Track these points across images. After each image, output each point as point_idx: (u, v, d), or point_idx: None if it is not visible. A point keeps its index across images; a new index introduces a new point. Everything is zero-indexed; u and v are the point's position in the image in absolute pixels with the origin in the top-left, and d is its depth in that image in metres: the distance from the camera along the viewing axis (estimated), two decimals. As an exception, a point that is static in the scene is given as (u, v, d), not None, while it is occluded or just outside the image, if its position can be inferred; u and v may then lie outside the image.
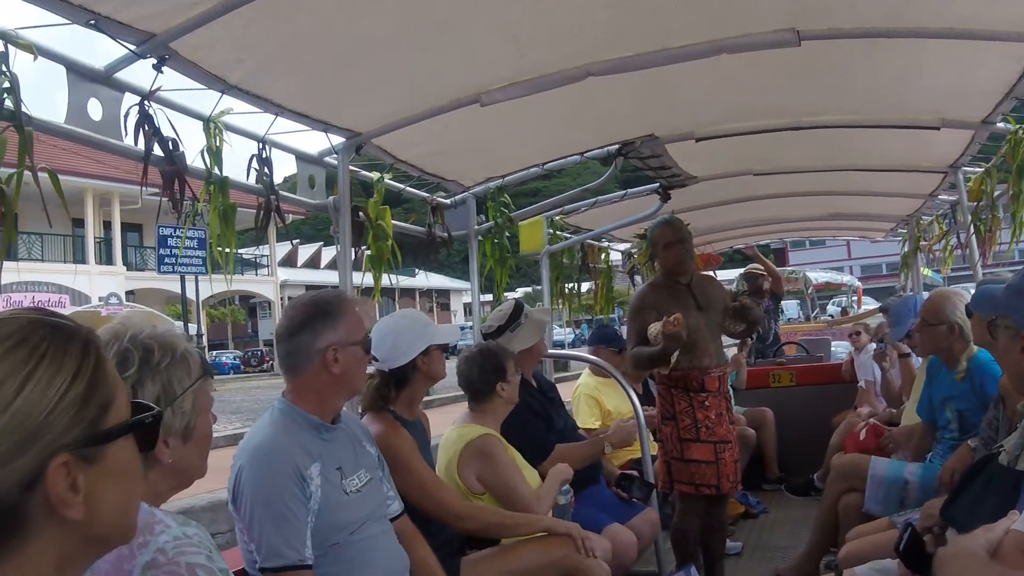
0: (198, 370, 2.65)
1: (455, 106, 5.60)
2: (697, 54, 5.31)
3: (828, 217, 12.63)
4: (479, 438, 5.33)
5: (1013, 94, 6.02)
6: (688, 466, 6.77)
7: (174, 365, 2.57)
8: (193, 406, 2.62)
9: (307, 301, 4.03)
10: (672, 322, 6.25)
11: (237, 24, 3.98)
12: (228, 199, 4.69)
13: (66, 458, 1.50)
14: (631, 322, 7.06)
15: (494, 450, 5.34)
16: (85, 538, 1.58)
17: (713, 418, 6.82)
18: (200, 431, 2.67)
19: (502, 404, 5.60)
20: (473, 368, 5.63)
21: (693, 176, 8.42)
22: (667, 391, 6.92)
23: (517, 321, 6.41)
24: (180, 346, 2.62)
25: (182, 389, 2.58)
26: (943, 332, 6.13)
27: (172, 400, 2.54)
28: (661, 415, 6.99)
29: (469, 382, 5.64)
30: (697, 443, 6.76)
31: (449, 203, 7.47)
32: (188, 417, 2.60)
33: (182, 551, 2.34)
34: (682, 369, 6.75)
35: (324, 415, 3.90)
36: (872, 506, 6.30)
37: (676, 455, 6.83)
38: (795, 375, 11.82)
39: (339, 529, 3.75)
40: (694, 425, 6.76)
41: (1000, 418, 5.04)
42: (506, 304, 6.69)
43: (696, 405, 6.78)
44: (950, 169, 8.52)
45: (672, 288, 6.97)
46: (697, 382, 6.81)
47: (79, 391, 1.54)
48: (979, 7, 4.90)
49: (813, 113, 7.02)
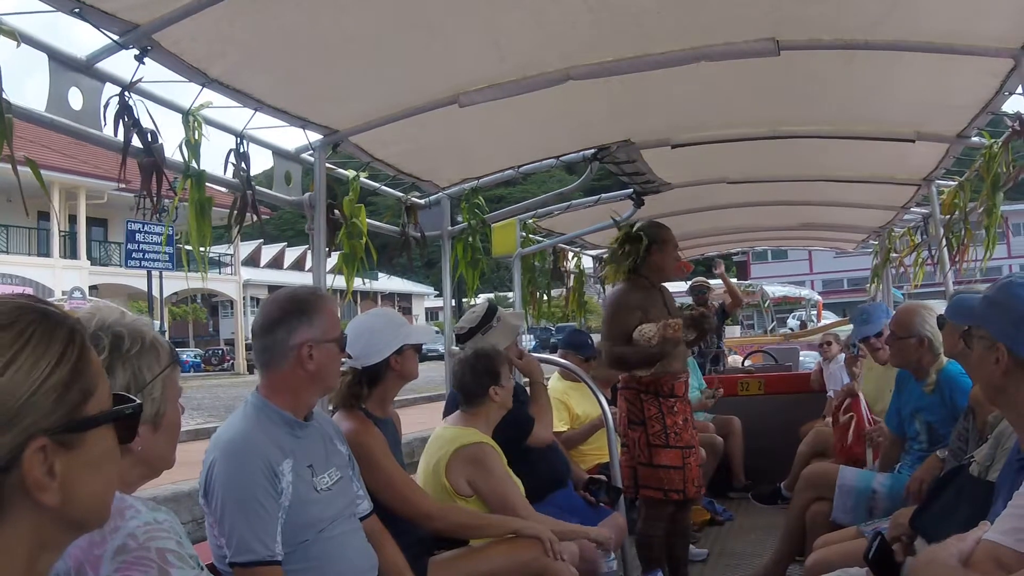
0: (167, 358, 2.64)
1: (433, 106, 5.60)
2: (677, 61, 5.33)
3: (800, 227, 12.68)
4: (474, 445, 5.33)
5: (989, 109, 6.06)
6: (656, 471, 6.80)
7: (143, 353, 2.56)
8: (162, 394, 2.62)
9: (284, 297, 4.01)
10: (672, 326, 6.30)
11: (221, 17, 3.98)
12: (205, 193, 4.67)
13: (44, 442, 1.50)
14: (614, 320, 7.05)
15: (488, 459, 5.35)
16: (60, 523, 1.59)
17: (681, 423, 6.88)
18: (169, 419, 2.67)
19: (495, 408, 5.60)
20: (466, 370, 5.63)
21: (667, 183, 8.44)
22: (635, 396, 6.94)
23: (489, 324, 6.40)
24: (149, 334, 2.61)
25: (151, 376, 2.57)
26: (912, 345, 6.16)
27: (142, 387, 2.53)
28: (628, 420, 7.01)
29: (462, 384, 5.64)
30: (666, 448, 6.79)
31: (423, 203, 7.46)
32: (158, 404, 2.59)
33: (152, 536, 2.34)
34: (654, 374, 6.76)
35: (297, 412, 3.89)
36: (840, 515, 6.33)
37: (644, 460, 6.85)
38: (764, 384, 11.88)
39: (308, 527, 3.74)
40: (664, 431, 6.79)
41: (970, 429, 5.07)
42: (479, 306, 6.70)
43: (666, 410, 6.82)
44: (924, 182, 8.58)
45: (651, 291, 7.01)
46: (668, 387, 6.85)
47: (62, 376, 1.55)
48: (958, 22, 4.93)
49: (790, 123, 7.06)
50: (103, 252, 50.41)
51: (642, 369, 6.86)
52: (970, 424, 5.10)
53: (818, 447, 9.21)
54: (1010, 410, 3.21)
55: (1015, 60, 5.08)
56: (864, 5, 4.86)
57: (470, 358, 5.69)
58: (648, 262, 7.17)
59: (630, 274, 7.24)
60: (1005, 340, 3.03)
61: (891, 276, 12.60)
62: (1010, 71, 5.32)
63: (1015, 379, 3.02)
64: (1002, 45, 4.99)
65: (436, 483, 5.24)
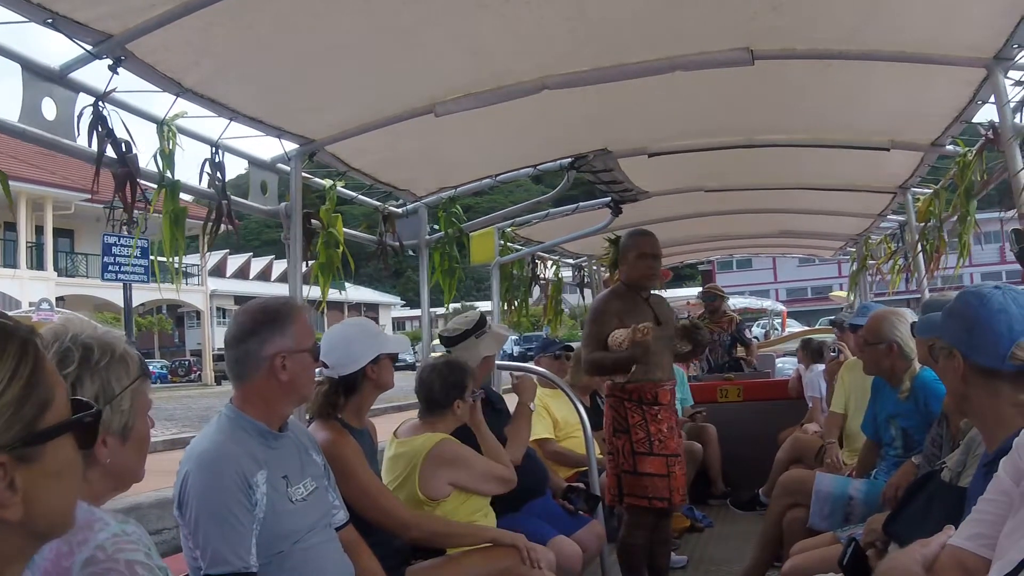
0: (137, 370, 2.63)
1: (410, 115, 5.61)
2: (652, 70, 5.36)
3: (778, 235, 12.73)
4: (437, 445, 5.28)
5: (963, 117, 6.10)
6: (641, 479, 6.79)
7: (113, 364, 2.55)
8: (131, 406, 2.61)
9: (256, 308, 4.00)
10: (642, 330, 6.29)
11: (195, 27, 3.98)
12: (179, 203, 4.66)
13: (3, 459, 1.50)
14: (591, 326, 7.08)
15: (457, 451, 5.33)
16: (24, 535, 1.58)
17: (665, 431, 6.87)
18: (138, 432, 2.65)
19: (453, 421, 5.56)
20: (436, 379, 5.58)
21: (645, 191, 8.46)
22: (619, 404, 6.94)
23: (482, 330, 6.41)
24: (119, 346, 2.60)
25: (120, 388, 2.56)
26: (883, 351, 6.19)
27: (111, 399, 2.52)
28: (612, 428, 6.99)
29: (429, 392, 5.58)
30: (651, 456, 6.78)
31: (401, 212, 7.46)
32: (126, 416, 2.58)
33: (121, 548, 2.33)
34: (637, 381, 6.79)
35: (271, 422, 3.88)
36: (817, 521, 6.34)
37: (628, 468, 6.84)
38: (742, 390, 11.89)
39: (284, 538, 3.73)
40: (648, 438, 6.79)
41: (943, 435, 5.10)
42: (471, 312, 6.77)
43: (649, 418, 6.82)
44: (899, 190, 8.63)
45: (633, 300, 7.03)
46: (651, 395, 6.85)
47: (15, 392, 1.54)
48: (932, 32, 4.97)
49: (765, 132, 7.10)
50: (70, 263, 50.28)
51: (618, 374, 6.87)
52: (943, 430, 5.13)
53: (796, 454, 9.21)
54: (974, 416, 3.28)
55: (988, 70, 5.11)
56: (839, 16, 4.89)
57: (442, 367, 5.66)
58: (622, 270, 7.20)
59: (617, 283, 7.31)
60: (960, 347, 3.10)
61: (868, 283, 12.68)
62: (983, 80, 5.36)
63: (974, 385, 3.09)
64: (975, 55, 5.03)
65: (408, 497, 5.18)
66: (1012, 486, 2.13)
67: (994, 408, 3.05)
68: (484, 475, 5.34)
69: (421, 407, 5.66)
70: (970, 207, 6.54)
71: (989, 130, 5.72)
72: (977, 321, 3.07)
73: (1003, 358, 2.98)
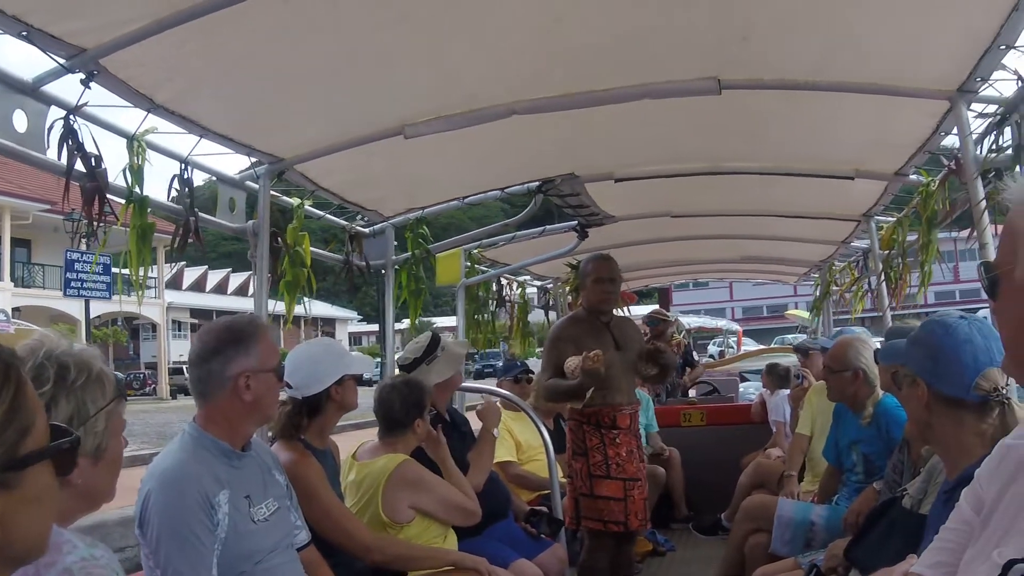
0: (113, 391, 2.60)
1: (379, 136, 5.63)
2: (621, 97, 5.39)
3: (743, 260, 12.81)
4: (399, 467, 5.25)
5: (926, 148, 6.17)
6: (597, 502, 6.78)
7: (89, 385, 2.52)
8: (106, 428, 2.57)
9: (220, 327, 3.98)
10: (592, 358, 6.27)
11: (169, 44, 3.99)
12: (147, 218, 4.66)
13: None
14: (548, 352, 7.08)
15: (418, 473, 5.29)
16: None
17: (624, 455, 6.84)
18: (111, 453, 2.63)
19: (414, 440, 5.54)
20: (396, 398, 5.55)
21: (611, 215, 8.50)
22: (578, 427, 6.93)
23: (434, 354, 6.40)
24: (96, 366, 2.57)
25: (96, 409, 2.53)
26: (848, 378, 6.22)
27: (85, 420, 2.49)
28: (572, 450, 6.98)
29: (388, 411, 5.55)
30: (607, 480, 6.77)
31: (368, 232, 7.46)
32: (100, 438, 2.55)
33: (89, 572, 2.31)
34: (595, 406, 6.77)
35: (234, 442, 3.86)
36: (779, 547, 6.35)
37: (585, 491, 6.83)
38: (705, 415, 11.90)
39: (245, 558, 3.71)
40: (605, 462, 6.78)
41: (905, 462, 5.13)
42: (423, 336, 6.67)
43: (607, 442, 6.80)
44: (863, 218, 8.71)
45: (592, 324, 7.01)
46: (609, 419, 6.83)
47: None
48: (897, 64, 5.03)
49: (732, 159, 7.15)
50: (27, 273, 49.84)
51: (571, 400, 6.88)
52: (905, 457, 5.16)
53: (759, 479, 9.22)
54: (937, 444, 3.31)
55: (951, 102, 5.17)
56: (806, 48, 4.95)
57: (400, 386, 5.63)
58: (582, 295, 7.24)
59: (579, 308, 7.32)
60: (924, 375, 3.14)
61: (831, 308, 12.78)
62: (946, 112, 5.43)
63: (937, 413, 3.12)
64: (939, 87, 5.09)
65: (372, 519, 5.15)
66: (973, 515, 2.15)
67: (957, 437, 3.08)
68: (445, 501, 5.30)
69: (380, 427, 5.63)
70: (932, 235, 6.61)
71: (952, 160, 5.79)
72: (942, 351, 3.10)
73: (968, 388, 3.02)
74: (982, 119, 5.16)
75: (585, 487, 6.83)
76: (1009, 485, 1.96)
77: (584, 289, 7.22)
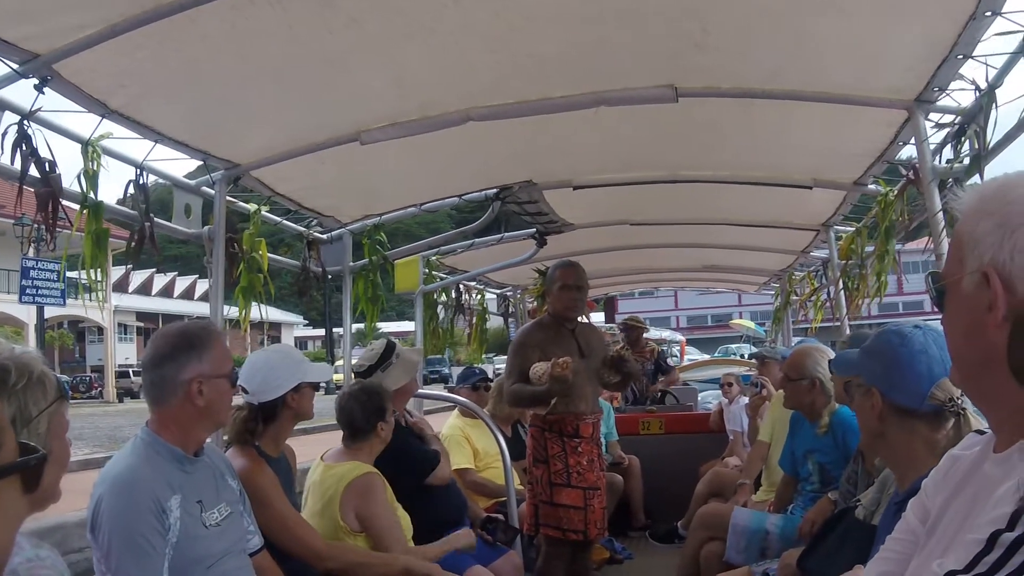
0: (54, 393, 2.59)
1: (335, 143, 5.62)
2: (576, 105, 5.41)
3: (702, 269, 12.87)
4: (363, 476, 5.26)
5: (884, 158, 6.22)
6: (556, 510, 6.78)
7: (30, 387, 2.51)
8: (48, 429, 2.56)
9: (174, 332, 3.98)
10: (561, 364, 6.30)
11: (123, 49, 3.97)
12: (102, 224, 4.63)
13: None
14: (513, 357, 7.07)
15: (375, 489, 5.27)
16: None
17: (585, 464, 6.85)
18: (55, 455, 2.60)
19: (379, 443, 5.57)
20: (356, 406, 5.57)
21: (570, 223, 8.52)
22: (540, 434, 6.94)
23: (388, 360, 6.40)
24: (37, 368, 2.56)
25: (37, 411, 2.52)
26: (805, 387, 6.24)
27: (27, 422, 2.48)
28: (533, 457, 6.98)
29: (350, 420, 5.57)
30: (568, 488, 6.77)
31: (325, 238, 7.44)
32: (43, 439, 2.53)
33: (35, 573, 2.31)
34: (558, 413, 6.77)
35: (187, 447, 3.84)
36: (733, 555, 6.38)
37: (545, 499, 6.83)
38: (664, 423, 11.92)
39: (197, 562, 3.69)
40: (565, 470, 6.78)
41: (859, 472, 5.16)
42: (377, 343, 6.67)
43: (569, 450, 6.81)
44: (822, 227, 8.77)
45: (558, 331, 7.03)
46: (572, 427, 6.84)
47: None
48: (855, 74, 5.06)
49: (690, 168, 7.17)
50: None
51: (537, 407, 6.88)
52: (859, 467, 5.19)
53: (715, 487, 9.25)
54: (888, 454, 3.31)
55: (909, 111, 5.22)
56: (762, 56, 4.96)
57: (359, 394, 5.65)
58: (548, 301, 7.21)
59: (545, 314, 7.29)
60: (878, 384, 3.14)
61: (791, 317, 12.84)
62: (904, 122, 5.46)
63: (889, 423, 3.12)
64: (897, 97, 5.13)
65: (330, 524, 5.16)
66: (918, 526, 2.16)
67: (908, 446, 3.09)
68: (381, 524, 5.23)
69: (344, 434, 5.63)
70: (890, 245, 6.63)
71: (910, 170, 5.82)
72: (897, 361, 3.10)
73: (922, 398, 3.03)
74: (940, 129, 5.20)
75: (545, 494, 6.83)
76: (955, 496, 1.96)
77: (550, 295, 7.23)
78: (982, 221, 1.77)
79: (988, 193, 1.82)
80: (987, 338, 1.73)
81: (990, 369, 1.76)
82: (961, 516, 1.86)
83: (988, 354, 1.75)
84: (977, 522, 1.67)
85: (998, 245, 1.72)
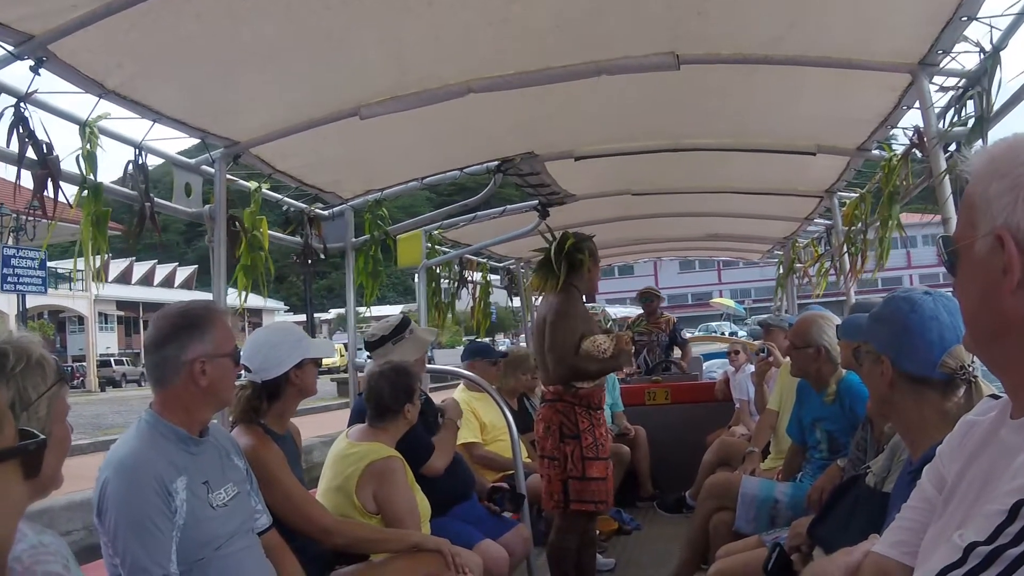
0: (54, 376, 2.59)
1: (335, 118, 5.59)
2: (577, 74, 5.37)
3: (706, 238, 12.82)
4: (384, 460, 5.27)
5: (888, 122, 6.17)
6: (589, 484, 6.77)
7: (29, 370, 2.51)
8: (48, 413, 2.56)
9: (175, 312, 3.94)
10: (624, 339, 6.34)
11: (118, 28, 3.95)
12: (101, 205, 4.61)
13: None
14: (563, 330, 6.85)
15: (395, 472, 5.27)
16: None
17: (604, 434, 6.91)
18: (56, 438, 2.59)
19: (404, 424, 5.58)
20: (386, 385, 5.58)
21: (572, 194, 8.49)
22: (570, 409, 6.85)
23: (401, 335, 6.38)
24: (36, 352, 2.56)
25: (37, 395, 2.51)
26: (811, 355, 6.20)
27: (27, 406, 2.48)
28: (560, 434, 6.87)
29: (379, 398, 5.58)
30: (597, 460, 6.78)
31: (327, 215, 7.41)
32: (43, 423, 2.53)
33: (38, 560, 2.31)
34: (592, 386, 6.80)
35: (191, 427, 3.83)
36: (743, 524, 6.37)
37: (576, 474, 6.78)
38: (670, 393, 11.90)
39: (205, 544, 3.69)
40: (595, 443, 6.77)
41: (868, 439, 5.12)
42: (393, 316, 6.69)
43: (595, 423, 6.81)
44: (826, 194, 8.73)
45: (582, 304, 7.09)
46: (598, 399, 6.90)
47: None
48: (857, 38, 5.01)
49: (692, 136, 7.13)
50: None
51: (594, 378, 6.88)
52: (868, 434, 5.15)
53: (723, 456, 9.22)
54: (899, 422, 3.26)
55: (913, 75, 5.17)
56: (764, 21, 4.92)
57: (390, 373, 5.64)
58: (580, 275, 7.06)
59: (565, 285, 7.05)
60: (888, 352, 3.09)
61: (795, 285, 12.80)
62: (908, 86, 5.43)
63: (900, 391, 3.08)
64: (900, 60, 5.08)
65: (345, 501, 5.17)
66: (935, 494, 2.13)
67: (919, 414, 3.05)
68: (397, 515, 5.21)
69: (370, 413, 5.64)
70: (893, 211, 6.58)
71: (914, 134, 5.78)
72: (908, 328, 3.06)
73: (934, 366, 2.99)
74: (944, 92, 5.15)
75: (576, 470, 6.77)
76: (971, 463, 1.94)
77: (581, 269, 7.06)
78: (994, 182, 1.73)
79: (999, 154, 1.78)
80: (1003, 302, 1.70)
81: (1007, 334, 1.73)
82: (979, 484, 1.83)
83: (1004, 318, 1.72)
84: (997, 492, 1.64)
85: (1012, 207, 1.69)
